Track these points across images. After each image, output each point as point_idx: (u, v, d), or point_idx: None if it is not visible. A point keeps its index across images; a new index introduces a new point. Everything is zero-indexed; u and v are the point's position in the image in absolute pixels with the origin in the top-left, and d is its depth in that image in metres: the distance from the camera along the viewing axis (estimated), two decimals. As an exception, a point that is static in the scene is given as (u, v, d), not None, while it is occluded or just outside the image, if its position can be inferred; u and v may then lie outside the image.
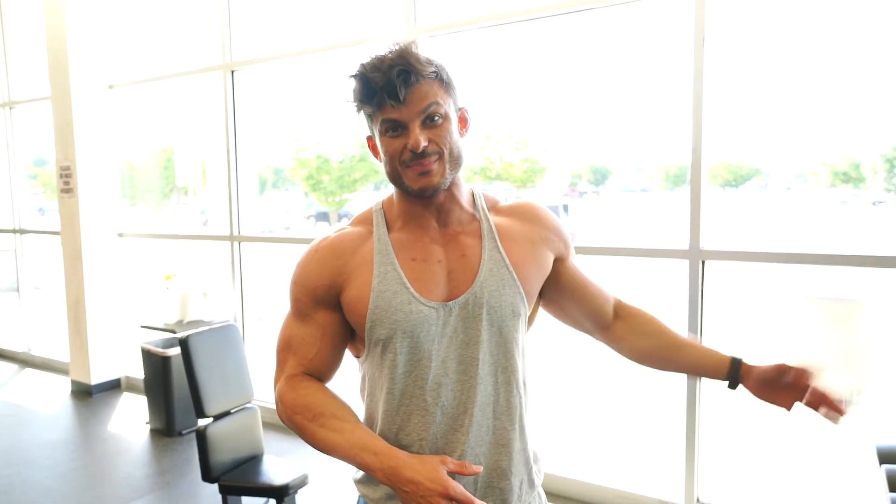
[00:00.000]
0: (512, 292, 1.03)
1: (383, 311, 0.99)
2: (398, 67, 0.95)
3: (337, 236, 1.07)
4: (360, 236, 1.06)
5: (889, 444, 1.68)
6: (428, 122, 0.97)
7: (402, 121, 0.97)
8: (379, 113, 0.98)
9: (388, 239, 1.04)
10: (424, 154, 0.97)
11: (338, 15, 3.98)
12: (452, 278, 1.02)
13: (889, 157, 9.82)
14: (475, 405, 1.00)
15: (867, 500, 2.61)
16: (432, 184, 0.98)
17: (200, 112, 4.53)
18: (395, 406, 1.01)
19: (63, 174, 4.15)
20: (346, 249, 1.04)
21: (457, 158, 1.01)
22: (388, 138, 0.99)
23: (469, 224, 1.06)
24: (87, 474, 3.10)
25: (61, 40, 4.01)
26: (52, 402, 4.16)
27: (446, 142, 0.98)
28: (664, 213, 10.28)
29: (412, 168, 0.98)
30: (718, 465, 2.98)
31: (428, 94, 0.97)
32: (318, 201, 16.89)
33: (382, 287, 1.00)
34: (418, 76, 0.96)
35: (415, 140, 0.95)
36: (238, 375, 2.41)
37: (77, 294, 4.21)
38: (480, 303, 1.01)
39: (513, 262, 1.04)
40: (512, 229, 1.08)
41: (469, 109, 1.06)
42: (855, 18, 4.69)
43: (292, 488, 2.22)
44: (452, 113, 1.01)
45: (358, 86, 0.99)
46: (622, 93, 6.53)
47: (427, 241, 1.04)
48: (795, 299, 4.26)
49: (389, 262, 1.02)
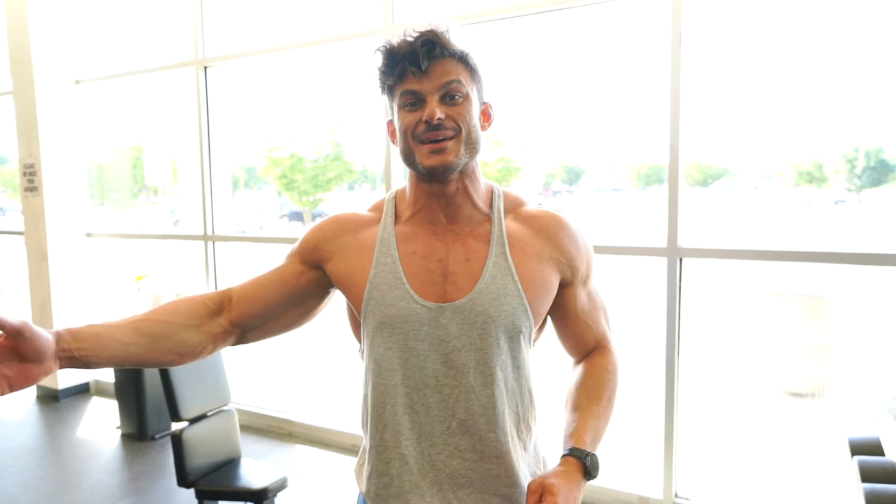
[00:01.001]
0: (514, 304, 0.98)
1: (377, 303, 0.98)
2: (424, 38, 0.95)
3: (347, 213, 1.07)
4: (368, 220, 1.05)
5: (860, 436, 1.72)
6: (448, 98, 0.95)
7: (421, 93, 0.95)
8: (399, 85, 0.97)
9: (392, 229, 1.02)
10: (440, 127, 0.94)
11: (313, 11, 3.93)
12: (451, 281, 0.98)
13: (850, 158, 10.15)
14: (464, 412, 0.98)
15: (840, 492, 2.69)
16: (445, 161, 0.95)
17: (171, 109, 4.42)
18: (381, 401, 1.00)
19: (26, 172, 4.01)
20: (347, 225, 1.05)
21: (474, 143, 0.98)
22: (405, 112, 0.97)
23: (480, 225, 1.02)
24: (55, 481, 3.00)
25: (23, 32, 3.87)
26: (17, 409, 4.01)
27: (465, 120, 0.96)
28: (636, 211, 10.44)
29: (426, 144, 0.95)
30: (696, 461, 3.03)
31: (451, 70, 0.96)
32: (291, 201, 16.69)
33: (379, 279, 0.99)
34: (444, 50, 0.95)
35: (430, 110, 0.93)
36: (214, 378, 2.36)
37: (43, 296, 4.07)
38: (478, 310, 0.97)
39: (520, 273, 0.99)
40: (524, 240, 1.02)
41: (494, 106, 1.04)
42: (819, 26, 4.84)
43: (271, 492, 2.19)
44: (475, 99, 0.99)
45: (382, 57, 0.98)
46: (595, 93, 6.62)
47: (431, 236, 1.01)
48: (768, 295, 4.37)
49: (389, 254, 1.00)
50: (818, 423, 3.98)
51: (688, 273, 2.45)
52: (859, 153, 9.39)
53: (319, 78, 10.65)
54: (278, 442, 3.39)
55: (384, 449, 1.01)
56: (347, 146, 15.44)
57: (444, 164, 0.95)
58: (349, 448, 3.24)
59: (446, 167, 0.95)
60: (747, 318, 5.20)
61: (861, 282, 5.01)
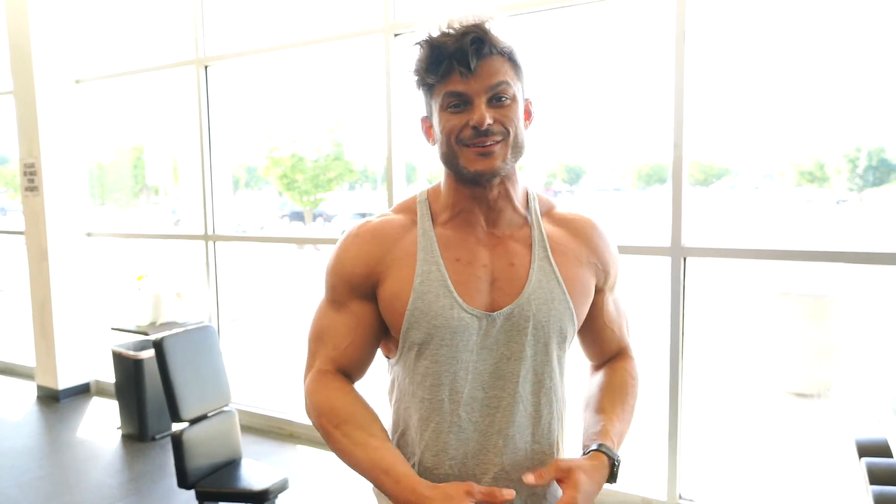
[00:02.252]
0: (562, 308, 0.95)
1: (422, 313, 0.92)
2: (472, 35, 0.87)
3: (379, 222, 0.99)
4: (404, 226, 0.98)
5: (868, 438, 1.71)
6: (495, 100, 0.89)
7: (467, 94, 0.89)
8: (442, 85, 0.90)
9: (433, 234, 0.96)
10: (488, 132, 0.88)
11: (314, 10, 3.91)
12: (497, 287, 0.94)
13: (851, 158, 10.13)
14: (512, 425, 0.94)
15: (847, 493, 2.67)
16: (492, 167, 0.90)
17: (171, 109, 4.41)
18: (426, 418, 0.95)
19: (27, 172, 4.00)
20: (388, 237, 0.97)
21: (520, 146, 0.93)
22: (449, 113, 0.90)
23: (519, 229, 0.98)
24: (55, 482, 2.99)
25: (24, 31, 3.86)
26: (17, 409, 4.00)
27: (513, 123, 0.90)
28: (638, 211, 10.43)
29: (471, 147, 0.90)
30: (700, 462, 3.01)
31: (499, 70, 0.89)
32: (292, 201, 16.68)
33: (424, 287, 0.93)
34: (493, 48, 0.89)
35: (480, 116, 0.87)
36: (215, 378, 2.35)
37: (43, 296, 4.06)
38: (526, 316, 0.93)
39: (564, 277, 0.96)
40: (563, 243, 0.99)
41: (534, 102, 0.98)
42: (821, 25, 4.83)
43: (272, 493, 2.17)
44: (520, 98, 0.93)
45: (423, 52, 0.91)
46: (596, 92, 6.62)
47: (473, 241, 0.96)
48: (772, 295, 4.35)
49: (434, 261, 0.94)
50: (823, 423, 3.96)
51: (692, 273, 2.43)
52: (861, 153, 9.37)
53: (320, 77, 10.64)
54: (279, 443, 3.37)
55: (423, 472, 0.96)
56: (348, 146, 15.41)
57: (491, 168, 0.90)
58: (350, 449, 3.22)
59: (494, 172, 0.91)
60: (751, 318, 5.18)
61: (865, 281, 4.99)
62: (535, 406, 0.96)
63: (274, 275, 10.66)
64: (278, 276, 10.73)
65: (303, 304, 8.92)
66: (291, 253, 12.35)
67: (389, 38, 2.89)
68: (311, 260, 12.11)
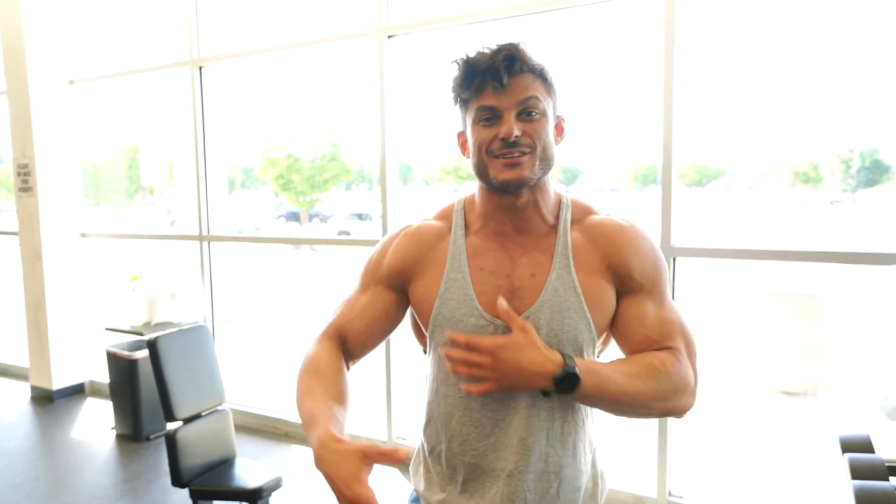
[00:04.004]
0: (577, 318, 0.97)
1: (445, 318, 1.00)
2: (504, 52, 0.93)
3: (420, 226, 1.07)
4: (440, 232, 1.06)
5: (851, 434, 1.73)
6: (524, 115, 0.95)
7: (498, 108, 0.94)
8: (476, 99, 0.96)
9: (463, 243, 1.03)
10: (516, 144, 0.94)
11: (309, 11, 3.93)
12: (517, 296, 0.98)
13: (845, 159, 10.20)
14: (526, 428, 0.99)
15: (832, 489, 2.70)
16: (520, 176, 0.95)
17: (166, 109, 4.42)
18: (449, 412, 1.02)
19: (21, 172, 4.00)
20: (425, 241, 1.05)
21: (548, 159, 0.97)
22: (481, 126, 0.96)
23: (546, 238, 1.01)
24: (49, 483, 3.00)
25: (17, 31, 3.87)
26: (11, 409, 4.00)
27: (541, 137, 0.95)
28: (634, 212, 10.46)
29: (500, 158, 0.95)
30: (690, 460, 3.04)
31: (529, 86, 0.95)
32: (288, 201, 16.67)
33: (449, 294, 1.00)
34: (523, 65, 0.94)
35: (508, 128, 0.93)
36: (209, 377, 2.36)
37: (37, 296, 4.06)
38: (538, 324, 0.96)
39: (583, 287, 0.98)
40: (584, 251, 1.00)
41: (567, 119, 1.03)
42: (814, 27, 4.86)
43: (266, 491, 2.19)
44: (551, 114, 0.98)
45: (460, 70, 0.97)
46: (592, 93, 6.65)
47: (500, 251, 1.01)
48: (762, 295, 4.38)
49: (460, 270, 1.01)
50: (811, 421, 4.00)
51: (682, 272, 2.46)
52: (854, 153, 9.42)
53: (317, 78, 10.64)
54: (274, 442, 3.39)
55: (451, 456, 1.03)
56: (344, 146, 15.42)
57: (518, 178, 0.95)
58: (344, 448, 3.24)
59: (521, 182, 0.95)
60: (742, 317, 5.21)
61: (855, 281, 5.03)
62: (549, 411, 0.99)
63: (269, 275, 10.65)
64: (274, 277, 10.73)
65: (298, 304, 8.92)
66: (287, 254, 12.34)
67: (383, 39, 2.91)
68: (307, 261, 12.11)
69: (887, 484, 1.41)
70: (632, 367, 0.95)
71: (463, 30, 2.80)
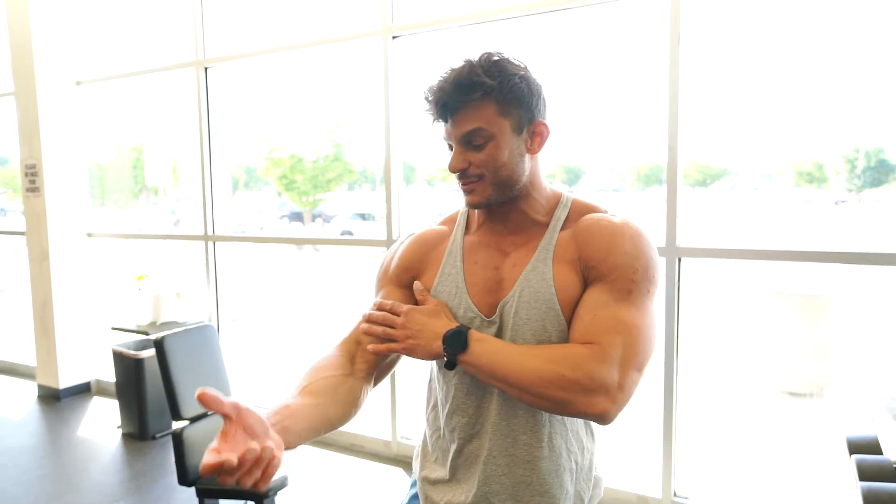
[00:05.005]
0: (545, 308, 0.97)
1: None
2: (450, 82, 0.95)
3: (424, 231, 1.13)
4: (442, 234, 1.11)
5: (859, 435, 1.73)
6: (470, 146, 0.98)
7: (448, 140, 1.01)
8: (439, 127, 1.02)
9: (461, 241, 1.08)
10: (465, 175, 1.00)
11: (314, 12, 3.94)
12: (501, 286, 1.02)
13: (850, 158, 10.14)
14: (494, 414, 1.02)
15: (839, 490, 2.69)
16: (475, 202, 1.01)
17: (171, 110, 4.43)
18: (444, 400, 1.08)
19: (28, 173, 4.02)
20: (427, 242, 1.11)
21: (504, 180, 0.98)
22: (448, 150, 1.03)
23: (537, 236, 1.03)
24: (56, 481, 3.01)
25: (25, 33, 3.88)
26: (18, 408, 4.02)
27: (489, 165, 0.98)
28: (636, 211, 10.45)
29: (460, 184, 1.02)
30: (695, 461, 3.04)
31: (470, 118, 0.96)
32: (291, 201, 16.68)
33: (442, 287, 1.05)
34: (472, 92, 0.94)
35: (452, 163, 0.99)
36: (215, 377, 2.37)
37: (44, 296, 4.08)
38: (509, 314, 1.00)
39: (557, 279, 0.98)
40: (567, 245, 1.01)
41: (548, 122, 1.01)
42: (819, 26, 4.86)
43: (272, 490, 2.20)
44: (509, 132, 0.97)
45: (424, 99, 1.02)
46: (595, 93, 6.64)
47: (493, 246, 1.06)
48: (767, 295, 4.37)
49: (455, 265, 1.06)
50: (817, 422, 3.99)
51: (687, 272, 2.46)
52: (859, 153, 9.39)
53: (320, 78, 10.66)
54: (279, 441, 3.39)
55: (442, 441, 1.09)
56: (347, 147, 15.42)
57: (474, 203, 1.02)
58: (348, 447, 3.25)
59: (478, 206, 1.02)
60: (746, 317, 5.20)
61: (860, 281, 5.02)
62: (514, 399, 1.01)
63: (273, 275, 10.67)
64: (278, 277, 10.74)
65: (302, 304, 8.94)
66: (291, 253, 12.36)
67: (388, 40, 2.92)
68: (310, 260, 12.12)
69: (895, 486, 1.41)
70: (535, 350, 0.93)
71: (468, 30, 2.81)
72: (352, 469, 3.06)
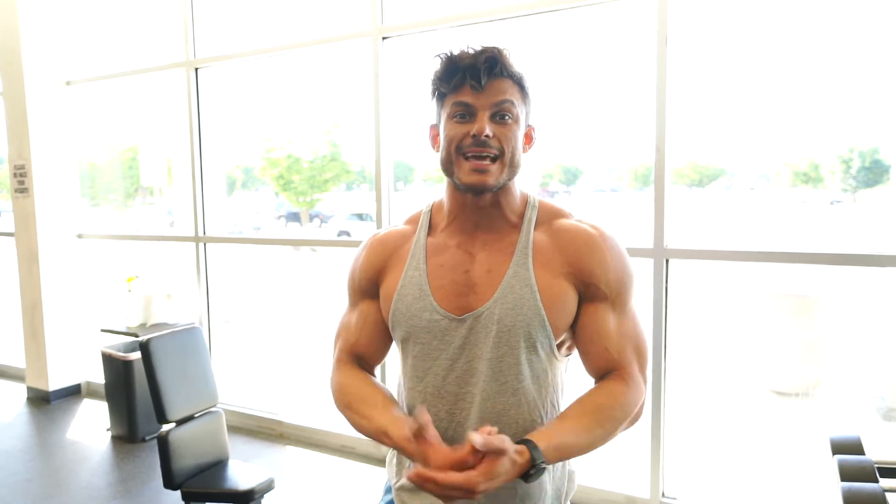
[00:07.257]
0: (531, 314, 0.98)
1: (402, 314, 1.03)
2: (486, 54, 0.96)
3: (386, 233, 1.11)
4: (404, 235, 1.09)
5: (841, 436, 1.73)
6: (498, 117, 0.97)
7: (473, 106, 0.96)
8: (453, 95, 0.98)
9: (424, 243, 1.06)
10: (486, 144, 0.95)
11: (305, 13, 3.93)
12: (474, 291, 1.00)
13: (845, 159, 10.18)
14: (478, 419, 1.00)
15: (822, 490, 2.69)
16: (486, 183, 0.97)
17: (165, 110, 4.42)
18: (412, 407, 1.06)
19: (17, 173, 4.01)
20: (389, 244, 1.09)
21: (515, 165, 0.99)
22: (454, 122, 0.98)
23: (508, 236, 1.02)
24: (45, 484, 3.00)
25: (14, 32, 3.87)
26: (7, 410, 4.01)
27: (510, 143, 0.97)
28: (633, 212, 10.47)
29: (469, 161, 0.97)
30: (683, 461, 3.03)
31: (506, 90, 0.97)
32: (288, 201, 16.68)
33: (405, 291, 1.03)
34: (503, 70, 0.96)
35: (480, 126, 0.95)
36: (202, 379, 2.36)
37: (33, 297, 4.07)
38: (493, 318, 0.98)
39: (541, 285, 0.99)
40: (548, 253, 1.01)
41: (536, 130, 1.05)
42: (814, 26, 4.86)
43: (258, 493, 2.19)
44: (523, 121, 1.00)
45: (441, 64, 0.99)
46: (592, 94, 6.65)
47: (461, 249, 1.03)
48: (757, 295, 4.38)
49: (418, 267, 1.04)
50: (805, 422, 3.99)
51: (676, 273, 2.45)
52: (854, 153, 9.41)
53: (317, 79, 10.65)
54: (268, 443, 3.39)
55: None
56: (345, 147, 15.42)
57: (483, 184, 0.97)
58: (338, 449, 3.24)
59: (484, 188, 0.98)
60: (736, 317, 5.21)
61: (850, 281, 5.02)
62: (503, 405, 1.00)
63: (268, 276, 10.65)
64: (272, 278, 10.73)
65: (297, 305, 8.92)
66: (287, 255, 12.35)
67: (378, 41, 2.91)
68: (307, 261, 12.11)
69: (875, 486, 1.41)
70: (586, 420, 0.96)
71: (457, 31, 2.80)
72: (343, 471, 3.05)
